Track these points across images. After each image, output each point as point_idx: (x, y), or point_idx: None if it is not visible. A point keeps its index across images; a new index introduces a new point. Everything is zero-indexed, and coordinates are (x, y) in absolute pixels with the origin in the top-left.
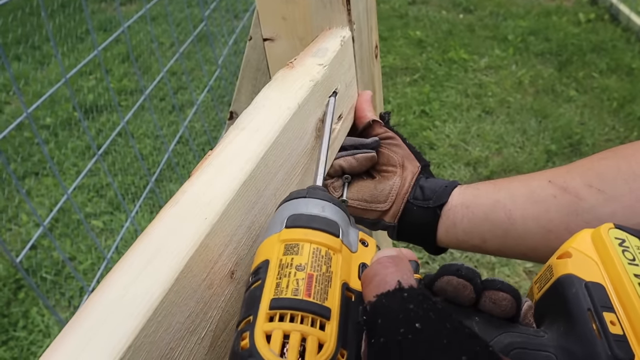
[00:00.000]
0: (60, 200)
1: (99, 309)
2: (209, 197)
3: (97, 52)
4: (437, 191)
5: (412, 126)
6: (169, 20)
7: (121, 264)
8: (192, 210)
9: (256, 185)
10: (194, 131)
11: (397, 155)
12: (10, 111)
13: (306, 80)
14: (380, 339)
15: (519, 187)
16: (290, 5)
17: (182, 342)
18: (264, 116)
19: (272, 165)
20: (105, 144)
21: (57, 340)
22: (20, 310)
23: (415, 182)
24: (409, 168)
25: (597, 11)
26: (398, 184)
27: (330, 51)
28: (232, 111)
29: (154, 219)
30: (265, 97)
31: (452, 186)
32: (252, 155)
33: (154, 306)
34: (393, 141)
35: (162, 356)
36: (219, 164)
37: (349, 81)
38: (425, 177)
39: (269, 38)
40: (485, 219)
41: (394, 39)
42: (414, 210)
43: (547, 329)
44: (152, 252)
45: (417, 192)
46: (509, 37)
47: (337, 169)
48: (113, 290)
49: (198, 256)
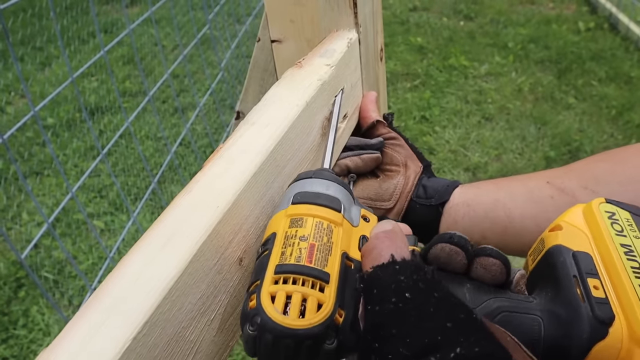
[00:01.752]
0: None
1: (118, 287)
2: (220, 187)
3: (103, 52)
4: (439, 190)
5: (412, 131)
6: (172, 24)
7: (138, 247)
8: (205, 199)
9: (265, 178)
10: (196, 133)
11: (400, 155)
12: (12, 111)
13: (314, 80)
14: (375, 307)
15: (518, 186)
16: (298, 8)
17: (193, 322)
18: (273, 112)
19: (280, 159)
20: (109, 145)
21: (79, 315)
22: (21, 308)
23: (418, 181)
24: (411, 167)
25: (596, 20)
26: (402, 183)
27: (338, 52)
28: (239, 111)
29: (168, 205)
30: (275, 94)
31: (454, 185)
32: (262, 149)
33: (170, 286)
34: (396, 141)
35: (175, 333)
36: (230, 156)
37: (354, 82)
38: (427, 176)
39: (276, 40)
40: (486, 217)
41: (395, 45)
42: (417, 208)
43: (536, 295)
44: (167, 236)
45: (420, 190)
46: (509, 45)
47: (343, 168)
48: (131, 270)
49: (210, 242)
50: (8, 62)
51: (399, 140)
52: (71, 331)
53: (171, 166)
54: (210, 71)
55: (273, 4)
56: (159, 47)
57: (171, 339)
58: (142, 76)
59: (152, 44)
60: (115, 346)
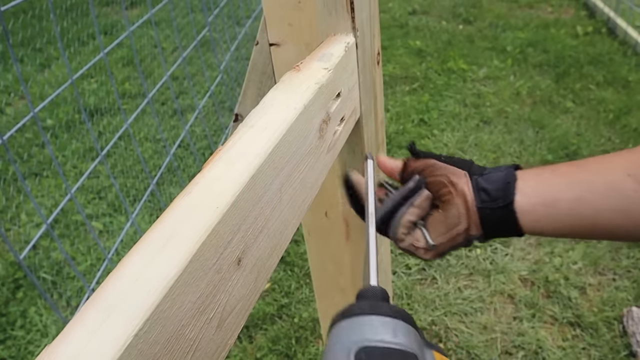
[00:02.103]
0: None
1: (119, 286)
2: (219, 188)
3: (102, 54)
4: (501, 189)
5: (410, 134)
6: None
7: (138, 247)
8: (204, 200)
9: (263, 180)
10: (195, 135)
11: (442, 177)
12: (11, 112)
13: (312, 83)
14: None
15: (596, 181)
16: (296, 12)
17: (192, 321)
18: (271, 115)
19: (278, 161)
20: (109, 146)
21: (79, 314)
22: (19, 309)
23: (475, 188)
24: (459, 181)
25: (594, 24)
26: (461, 201)
27: (335, 56)
28: (237, 113)
29: (168, 206)
30: (273, 98)
31: (513, 179)
32: (260, 152)
33: (170, 284)
34: (431, 167)
35: (175, 331)
36: (229, 158)
37: (351, 85)
38: (478, 176)
39: (275, 43)
40: (569, 214)
41: (394, 48)
42: (489, 213)
43: None
44: (167, 236)
45: (482, 195)
46: (507, 49)
47: (408, 225)
48: (131, 270)
49: (209, 242)
50: (8, 64)
51: (432, 163)
52: (73, 329)
53: (170, 168)
54: (209, 73)
55: (271, 7)
56: (159, 49)
57: (171, 337)
58: (142, 78)
59: (152, 45)
60: (117, 343)
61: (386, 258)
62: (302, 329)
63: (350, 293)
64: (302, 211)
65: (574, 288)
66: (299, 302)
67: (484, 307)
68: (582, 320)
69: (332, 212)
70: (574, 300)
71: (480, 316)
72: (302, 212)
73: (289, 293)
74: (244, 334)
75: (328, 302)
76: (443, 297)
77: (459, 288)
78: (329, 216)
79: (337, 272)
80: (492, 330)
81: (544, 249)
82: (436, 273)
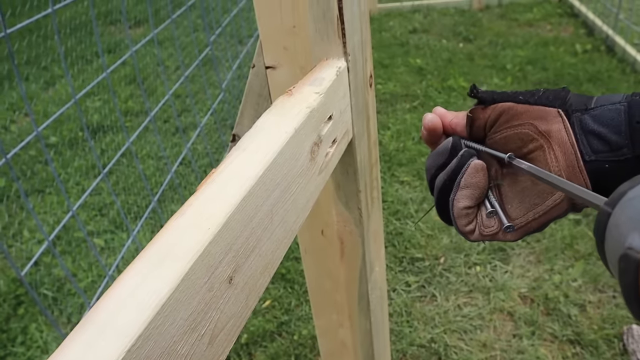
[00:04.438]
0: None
1: (113, 303)
2: (211, 210)
3: (106, 74)
4: (622, 130)
5: (411, 152)
6: (175, 44)
7: (133, 266)
8: (197, 221)
9: (254, 201)
10: (197, 153)
11: (525, 127)
12: (16, 130)
13: (303, 107)
14: None
15: None
16: (291, 37)
17: (184, 337)
18: (263, 139)
19: (269, 183)
20: (111, 163)
21: (75, 330)
22: (19, 326)
23: (580, 132)
24: (552, 128)
25: (593, 42)
26: (561, 155)
27: (327, 80)
28: (234, 134)
29: (162, 227)
30: (265, 121)
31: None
32: (252, 174)
33: (162, 302)
34: (507, 115)
35: (167, 347)
36: (222, 180)
37: (343, 108)
38: (580, 115)
39: (270, 66)
40: None
41: (395, 66)
42: (608, 169)
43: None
44: (161, 256)
45: (594, 143)
46: (507, 66)
47: (466, 213)
48: (125, 288)
49: (201, 261)
50: (13, 82)
51: (507, 107)
52: (67, 347)
53: (171, 185)
54: (211, 91)
55: (267, 32)
56: (162, 67)
57: (163, 352)
58: (144, 96)
59: (155, 64)
60: (110, 358)
61: (381, 277)
62: (301, 347)
63: (347, 309)
64: (293, 231)
65: (574, 305)
66: (299, 320)
67: (484, 324)
68: (582, 338)
69: (327, 231)
70: (574, 317)
71: (479, 334)
72: (293, 231)
73: (288, 310)
74: (244, 351)
75: (326, 319)
76: (442, 314)
77: (458, 305)
78: (325, 234)
79: (334, 289)
80: (491, 347)
81: (544, 266)
82: (436, 290)
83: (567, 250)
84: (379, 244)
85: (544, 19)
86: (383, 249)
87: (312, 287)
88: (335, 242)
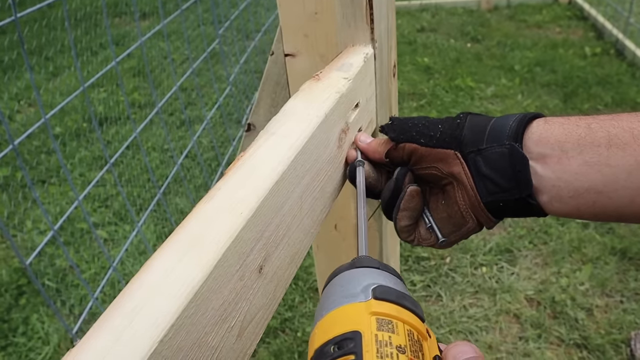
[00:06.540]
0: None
1: (143, 290)
2: (243, 194)
3: (114, 63)
4: (508, 174)
5: None
6: (183, 37)
7: (161, 252)
8: (228, 206)
9: (286, 187)
10: (202, 146)
11: (432, 169)
12: (20, 119)
13: (332, 92)
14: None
15: (630, 161)
16: (313, 23)
17: (215, 328)
18: (293, 123)
19: (300, 169)
20: (116, 155)
21: (102, 318)
22: (21, 316)
23: (475, 175)
24: (452, 170)
25: (603, 45)
26: (462, 196)
27: (355, 66)
28: (250, 123)
29: (189, 213)
30: (294, 106)
31: (523, 162)
32: (283, 158)
33: (195, 289)
34: (415, 157)
35: (198, 339)
36: (252, 164)
37: (369, 96)
38: (474, 156)
39: (290, 54)
40: (632, 202)
41: (402, 64)
42: (501, 207)
43: None
44: (191, 240)
45: (488, 185)
46: (515, 67)
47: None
48: (155, 274)
49: (234, 247)
50: (18, 72)
51: (412, 149)
52: (96, 333)
53: (177, 178)
54: (218, 85)
55: (288, 18)
56: (169, 60)
57: (194, 344)
58: (151, 88)
59: (162, 56)
60: (142, 349)
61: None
62: (305, 344)
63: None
64: (319, 221)
65: (581, 309)
66: (303, 316)
67: (490, 326)
68: (588, 342)
69: (341, 225)
70: (581, 321)
71: (485, 335)
72: (319, 222)
73: (292, 307)
74: None
75: None
76: (448, 314)
77: (464, 306)
78: (338, 229)
79: None
80: (497, 350)
81: (551, 268)
82: (441, 290)
83: (574, 253)
84: (395, 238)
85: (553, 21)
86: (398, 244)
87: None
88: (350, 237)
